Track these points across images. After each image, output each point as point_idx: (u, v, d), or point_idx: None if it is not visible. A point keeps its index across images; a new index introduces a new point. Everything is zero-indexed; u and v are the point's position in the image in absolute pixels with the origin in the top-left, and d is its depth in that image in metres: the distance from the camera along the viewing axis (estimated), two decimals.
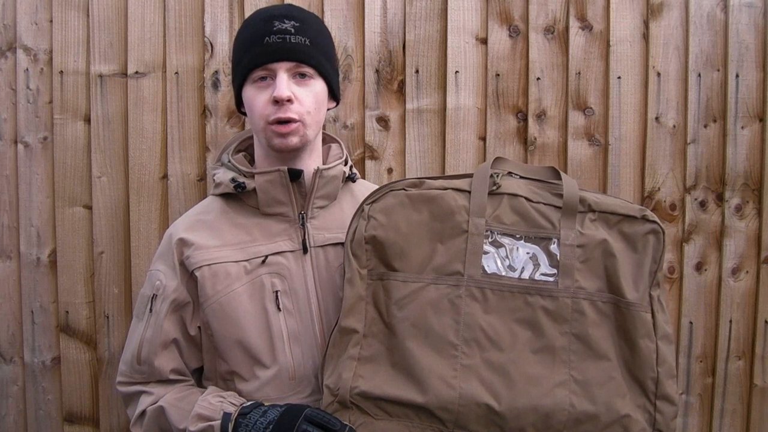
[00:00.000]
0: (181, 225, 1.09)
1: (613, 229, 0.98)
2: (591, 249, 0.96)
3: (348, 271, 0.98)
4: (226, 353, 1.03)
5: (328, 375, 0.97)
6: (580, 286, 0.96)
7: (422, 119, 1.47)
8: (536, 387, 0.92)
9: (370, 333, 0.97)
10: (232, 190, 1.07)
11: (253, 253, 1.05)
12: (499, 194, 0.99)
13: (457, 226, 0.97)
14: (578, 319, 0.95)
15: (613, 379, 0.94)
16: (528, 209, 0.98)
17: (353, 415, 0.94)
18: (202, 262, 1.03)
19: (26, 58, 1.49)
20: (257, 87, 1.03)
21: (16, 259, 1.52)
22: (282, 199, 1.07)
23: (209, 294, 1.02)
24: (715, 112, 1.47)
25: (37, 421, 1.54)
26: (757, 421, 1.50)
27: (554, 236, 0.97)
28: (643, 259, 0.97)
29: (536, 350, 0.94)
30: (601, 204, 0.98)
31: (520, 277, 0.96)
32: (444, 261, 0.97)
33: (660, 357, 0.95)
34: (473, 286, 0.96)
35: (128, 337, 1.08)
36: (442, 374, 0.92)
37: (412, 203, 0.98)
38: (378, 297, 0.98)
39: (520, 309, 0.95)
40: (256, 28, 1.03)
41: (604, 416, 0.92)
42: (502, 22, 1.46)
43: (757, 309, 1.48)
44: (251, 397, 1.01)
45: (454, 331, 0.94)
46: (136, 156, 1.47)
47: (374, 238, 0.97)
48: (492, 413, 0.91)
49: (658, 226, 0.98)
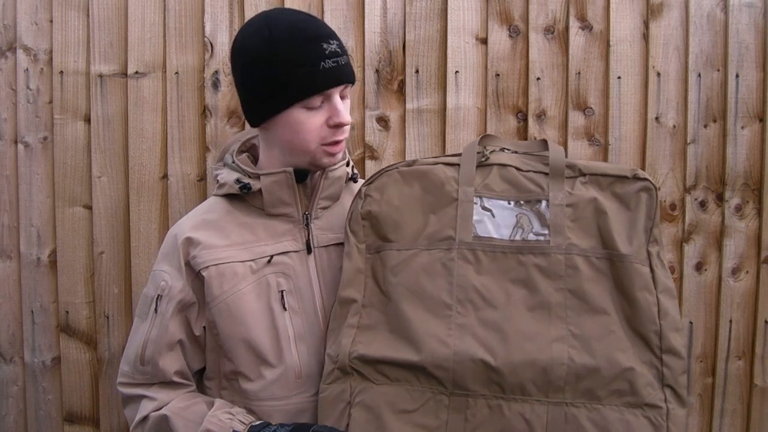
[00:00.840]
0: (186, 225, 1.09)
1: (605, 190, 0.99)
2: (581, 208, 0.97)
3: (346, 246, 1.02)
4: (232, 353, 1.03)
5: (330, 345, 0.99)
6: (573, 243, 0.96)
7: (422, 119, 1.47)
8: (532, 342, 0.92)
9: (369, 303, 0.99)
10: (237, 191, 1.07)
11: (259, 253, 1.05)
12: (488, 165, 1.01)
13: (447, 195, 1.00)
14: (572, 275, 0.95)
15: (613, 333, 0.93)
16: (517, 177, 1.00)
17: (354, 380, 0.95)
18: (209, 262, 1.03)
19: (26, 58, 1.49)
20: (310, 111, 1.00)
21: (16, 259, 1.52)
22: (287, 200, 1.07)
23: (216, 294, 1.02)
24: (715, 112, 1.47)
25: (37, 421, 1.54)
26: (757, 421, 1.50)
27: (543, 198, 0.98)
28: (636, 215, 0.97)
29: (531, 307, 0.94)
30: (590, 167, 1.00)
31: (511, 239, 0.97)
32: (436, 229, 0.99)
33: (662, 310, 0.94)
34: (465, 249, 0.97)
35: (130, 337, 1.08)
36: (437, 333, 0.93)
37: (404, 179, 1.02)
38: (376, 269, 1.00)
39: (513, 269, 0.96)
40: (306, 51, 0.98)
41: (606, 370, 0.90)
42: (502, 22, 1.46)
43: (757, 309, 1.48)
44: (257, 397, 1.01)
45: (447, 292, 0.95)
46: (136, 156, 1.47)
47: (369, 213, 1.01)
48: (488, 369, 0.91)
49: (649, 183, 0.98)
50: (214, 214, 1.09)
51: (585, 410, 0.91)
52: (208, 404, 1.01)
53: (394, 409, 0.93)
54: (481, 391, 0.92)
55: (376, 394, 0.94)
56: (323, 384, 0.97)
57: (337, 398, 0.96)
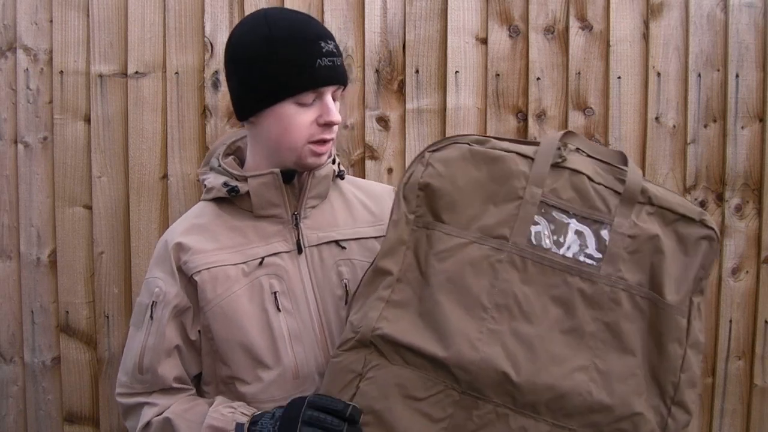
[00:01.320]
0: (176, 230, 1.08)
1: (668, 227, 0.95)
2: (641, 242, 0.94)
3: (395, 214, 0.96)
4: (228, 356, 1.03)
5: (354, 312, 0.95)
6: (622, 276, 0.93)
7: (422, 119, 1.47)
8: (558, 366, 0.90)
9: (404, 278, 0.95)
10: (225, 194, 1.07)
11: (250, 255, 1.05)
12: (562, 168, 0.95)
13: (513, 191, 0.95)
14: (613, 309, 0.92)
15: (635, 377, 0.92)
16: (587, 188, 0.95)
17: (370, 354, 0.93)
18: (201, 266, 1.03)
19: (26, 58, 1.49)
20: (301, 107, 1.01)
21: (16, 259, 1.52)
22: (276, 201, 1.07)
23: (210, 297, 1.02)
24: (715, 112, 1.47)
25: (37, 421, 1.54)
26: (757, 421, 1.50)
27: (607, 221, 0.94)
28: (691, 263, 0.94)
29: (565, 330, 0.92)
30: (661, 199, 0.95)
31: (564, 255, 0.94)
32: (492, 222, 0.94)
33: (685, 363, 0.93)
34: (516, 254, 0.93)
35: (127, 346, 1.07)
36: (468, 334, 0.90)
37: (474, 159, 0.96)
38: (420, 245, 0.96)
39: (557, 286, 0.93)
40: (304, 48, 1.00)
41: (618, 410, 0.90)
42: (502, 22, 1.46)
43: (757, 309, 1.48)
44: (255, 399, 1.01)
45: (487, 294, 0.92)
46: (136, 156, 1.47)
47: (429, 185, 0.95)
48: (508, 382, 0.89)
49: (714, 233, 0.95)
50: (204, 218, 1.09)
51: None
52: (209, 404, 1.01)
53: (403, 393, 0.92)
54: (494, 398, 0.90)
55: (389, 374, 0.92)
56: (338, 350, 0.94)
57: (349, 368, 0.93)
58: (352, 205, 1.15)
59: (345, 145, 1.47)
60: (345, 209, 1.14)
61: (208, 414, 0.96)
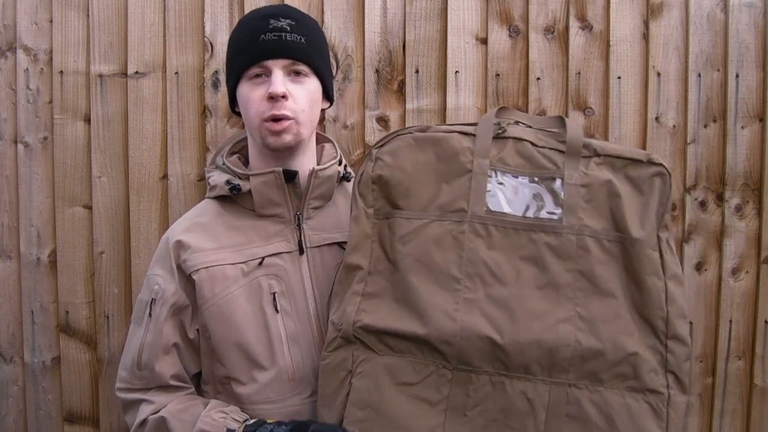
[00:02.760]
0: (177, 228, 1.09)
1: (619, 172, 0.98)
2: (595, 189, 0.96)
3: (354, 210, 0.99)
4: (224, 356, 1.02)
5: (333, 311, 0.97)
6: (585, 224, 0.95)
7: (422, 119, 1.47)
8: (540, 322, 0.91)
9: (375, 270, 0.97)
10: (228, 193, 1.07)
11: (250, 255, 1.05)
12: (504, 138, 0.99)
13: (462, 166, 0.98)
14: (583, 256, 0.94)
15: (620, 317, 0.93)
16: (533, 152, 0.98)
17: (357, 350, 0.94)
18: (199, 265, 1.03)
19: (26, 58, 1.49)
20: (252, 84, 1.03)
21: (16, 259, 1.52)
22: (277, 200, 1.07)
23: (207, 297, 1.02)
24: (715, 112, 1.47)
25: (37, 421, 1.54)
26: (757, 421, 1.50)
27: (558, 176, 0.97)
28: (649, 200, 0.97)
29: (541, 286, 0.93)
30: (606, 148, 0.99)
31: (524, 215, 0.96)
32: (448, 199, 0.97)
33: (669, 296, 0.94)
34: (477, 223, 0.96)
35: (127, 342, 1.08)
36: (444, 307, 0.92)
37: (418, 144, 0.99)
38: (383, 236, 0.98)
39: (524, 246, 0.95)
40: (252, 27, 1.03)
41: (611, 353, 0.91)
42: (502, 22, 1.46)
43: (757, 309, 1.48)
44: (250, 401, 1.01)
45: (457, 266, 0.94)
46: (136, 156, 1.47)
47: (380, 177, 0.98)
48: (494, 347, 0.90)
49: (664, 169, 0.98)
50: (205, 216, 1.09)
51: (587, 392, 0.91)
52: (204, 405, 1.01)
53: (396, 381, 0.93)
54: (485, 367, 0.91)
55: (378, 365, 0.93)
56: (325, 351, 0.96)
57: (339, 366, 0.95)
58: None
59: (345, 145, 1.47)
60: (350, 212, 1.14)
61: (199, 419, 0.96)
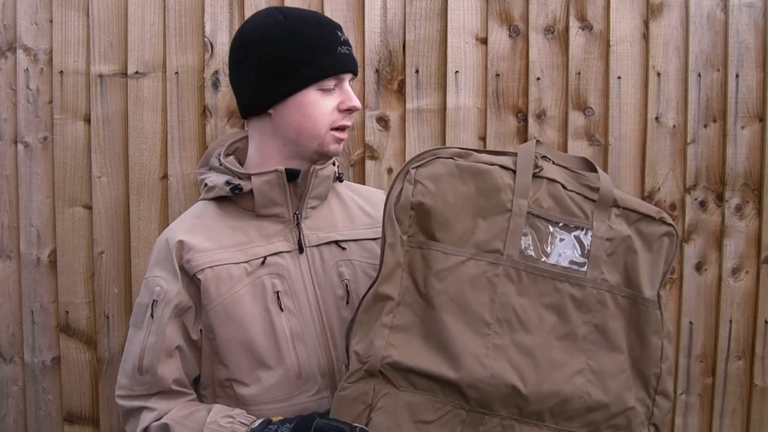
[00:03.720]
0: (177, 229, 1.08)
1: (632, 226, 0.99)
2: (617, 243, 0.97)
3: (390, 236, 0.95)
4: (229, 357, 1.02)
5: (357, 341, 0.94)
6: (605, 278, 0.96)
7: (422, 119, 1.47)
8: (559, 372, 0.92)
9: (403, 302, 0.94)
10: (228, 193, 1.06)
11: (252, 255, 1.05)
12: (539, 177, 0.98)
13: (502, 204, 0.96)
14: (600, 310, 0.95)
15: (624, 372, 0.95)
16: (564, 196, 0.98)
17: (378, 383, 0.93)
18: (204, 265, 1.02)
19: (26, 58, 1.49)
20: (324, 93, 1.03)
21: (16, 259, 1.52)
22: (279, 200, 1.06)
23: (213, 296, 1.02)
24: (715, 112, 1.47)
25: (37, 421, 1.54)
26: (757, 421, 1.50)
27: (587, 227, 0.97)
28: (657, 259, 0.99)
29: (560, 337, 0.94)
30: (624, 200, 1.00)
31: (552, 263, 0.96)
32: (485, 238, 0.95)
33: (664, 354, 0.98)
34: (510, 266, 0.95)
35: (126, 348, 1.06)
36: (476, 352, 0.91)
37: (461, 174, 0.96)
38: (414, 266, 0.95)
39: (548, 294, 0.95)
40: (323, 35, 1.03)
41: (614, 406, 0.93)
42: (502, 22, 1.46)
43: (757, 309, 1.48)
44: (256, 401, 1.01)
45: (489, 310, 0.93)
46: (136, 156, 1.47)
47: (421, 204, 0.94)
48: (517, 395, 0.91)
49: (673, 229, 1.00)
50: (204, 217, 1.09)
51: None
52: (208, 411, 0.99)
53: (414, 418, 0.92)
54: (501, 411, 0.92)
55: (399, 401, 0.92)
56: (345, 382, 0.93)
57: (358, 399, 0.93)
58: (350, 208, 1.15)
59: (345, 145, 1.47)
60: (343, 211, 1.14)
61: (205, 426, 0.95)
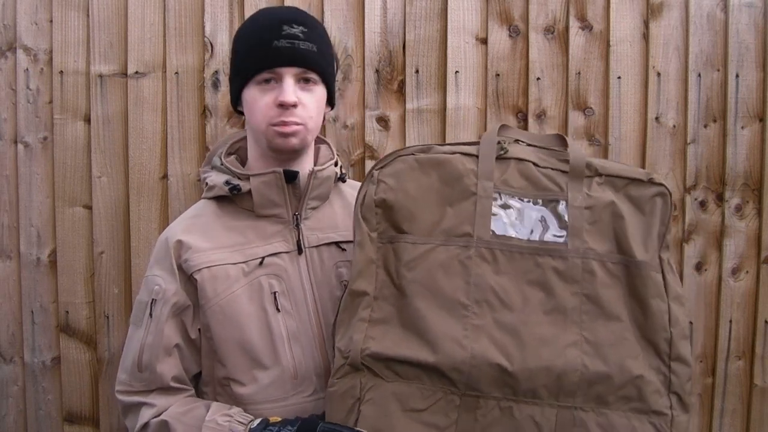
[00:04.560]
0: (176, 228, 1.08)
1: (620, 192, 0.98)
2: (599, 211, 0.96)
3: (358, 235, 0.98)
4: (226, 356, 1.02)
5: (339, 338, 0.96)
6: (590, 247, 0.95)
7: (422, 119, 1.47)
8: (548, 347, 0.91)
9: (381, 296, 0.96)
10: (227, 193, 1.07)
11: (250, 255, 1.05)
12: (506, 159, 0.99)
13: (466, 189, 0.97)
14: (588, 280, 0.94)
15: (626, 340, 0.93)
16: (536, 173, 0.98)
17: (364, 377, 0.94)
18: (201, 265, 1.03)
19: (26, 58, 1.49)
20: (261, 89, 1.03)
21: (16, 259, 1.52)
22: (277, 200, 1.07)
23: (210, 296, 1.02)
24: (715, 112, 1.47)
25: (37, 421, 1.54)
26: (757, 421, 1.50)
27: (562, 198, 0.97)
28: (651, 221, 0.97)
29: (548, 311, 0.94)
30: (607, 168, 0.99)
31: (529, 239, 0.96)
32: (453, 223, 0.96)
33: (672, 317, 0.95)
34: (483, 247, 0.95)
35: (126, 345, 1.07)
36: (453, 334, 0.92)
37: (421, 167, 0.98)
38: (388, 260, 0.97)
39: (530, 270, 0.95)
40: (264, 31, 1.03)
41: (617, 377, 0.91)
42: (502, 22, 1.46)
43: (757, 309, 1.48)
44: (252, 401, 1.01)
45: (464, 292, 0.94)
46: (136, 156, 1.47)
47: (384, 201, 0.97)
48: (504, 374, 0.90)
49: (665, 188, 0.98)
50: (204, 217, 1.09)
51: (593, 414, 0.91)
52: (207, 408, 1.00)
53: (404, 407, 0.93)
54: (494, 393, 0.91)
55: (386, 392, 0.93)
56: (333, 378, 0.96)
57: (347, 394, 0.94)
58: (351, 209, 1.15)
59: (345, 145, 1.47)
60: (345, 212, 1.14)
61: (204, 424, 0.96)
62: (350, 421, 0.93)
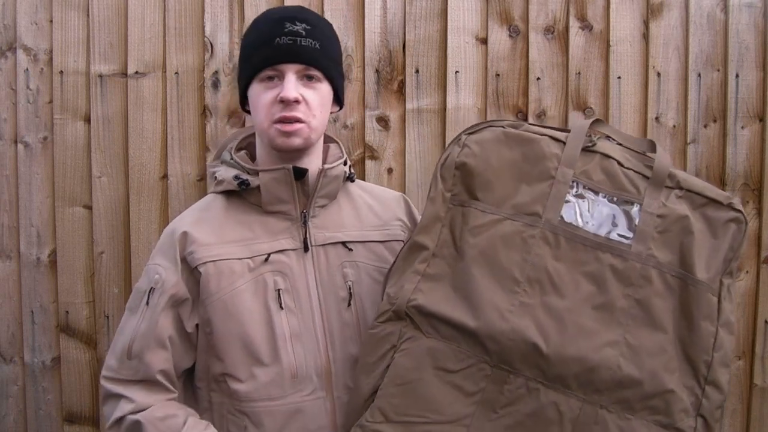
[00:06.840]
0: (184, 220, 1.08)
1: (696, 210, 0.98)
2: (671, 222, 0.96)
3: (432, 191, 1.00)
4: (225, 351, 1.02)
5: (391, 285, 0.98)
6: (653, 254, 0.95)
7: (422, 119, 1.47)
8: (587, 340, 0.92)
9: (439, 254, 0.98)
10: (236, 188, 1.07)
11: (256, 251, 1.05)
12: (593, 152, 1.00)
13: (546, 171, 0.98)
14: (643, 286, 0.94)
15: (666, 353, 0.93)
16: (617, 171, 0.98)
17: (405, 326, 0.95)
18: (206, 258, 1.03)
19: (26, 58, 1.49)
20: (264, 86, 1.04)
21: (16, 259, 1.52)
22: (285, 197, 1.07)
23: (213, 291, 1.02)
24: (715, 112, 1.47)
25: (37, 421, 1.54)
26: (757, 421, 1.50)
27: (637, 201, 0.97)
28: (720, 244, 0.96)
29: (596, 306, 0.94)
30: (689, 183, 0.99)
31: (596, 233, 0.96)
32: (525, 201, 0.97)
33: (718, 342, 0.94)
34: (548, 230, 0.96)
35: (119, 330, 1.06)
36: (499, 306, 0.92)
37: (508, 140, 1.00)
38: (455, 222, 0.99)
39: (589, 263, 0.95)
40: (267, 29, 1.04)
41: (648, 385, 0.91)
42: (502, 22, 1.46)
43: (757, 309, 1.48)
44: (249, 398, 1.01)
45: (519, 268, 0.94)
46: (136, 156, 1.47)
47: (465, 165, 0.99)
48: (538, 354, 0.91)
49: (741, 216, 0.97)
50: (212, 211, 1.09)
51: (616, 417, 0.91)
52: (184, 420, 0.99)
53: (436, 365, 0.93)
54: (524, 371, 0.92)
55: (422, 346, 0.94)
56: (375, 321, 0.97)
57: (384, 339, 0.96)
58: (360, 209, 1.15)
59: (345, 145, 1.47)
60: (353, 211, 1.14)
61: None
62: (381, 367, 0.94)
